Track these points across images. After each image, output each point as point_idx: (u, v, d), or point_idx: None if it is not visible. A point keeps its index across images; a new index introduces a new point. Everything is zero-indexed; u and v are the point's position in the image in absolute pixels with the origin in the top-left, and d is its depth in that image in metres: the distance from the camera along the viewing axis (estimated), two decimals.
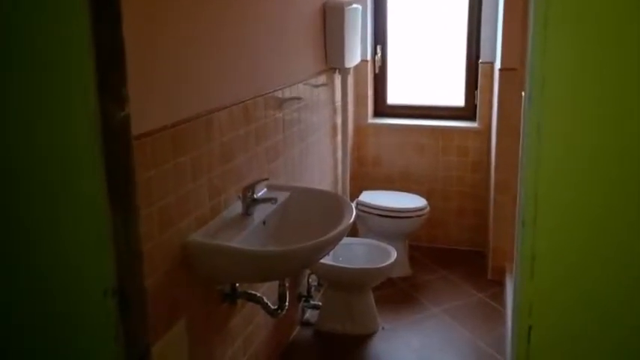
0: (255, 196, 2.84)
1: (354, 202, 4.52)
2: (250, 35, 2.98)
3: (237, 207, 2.81)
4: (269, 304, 2.89)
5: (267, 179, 3.06)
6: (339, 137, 4.65)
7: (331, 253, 3.41)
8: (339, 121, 4.61)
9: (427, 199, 4.66)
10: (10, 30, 1.00)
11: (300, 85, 3.70)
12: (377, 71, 5.20)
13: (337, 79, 4.50)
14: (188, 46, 2.39)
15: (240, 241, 2.54)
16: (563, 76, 1.16)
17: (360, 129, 5.18)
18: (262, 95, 3.13)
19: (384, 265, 3.77)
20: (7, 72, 1.01)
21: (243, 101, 2.90)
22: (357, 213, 3.37)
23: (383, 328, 3.92)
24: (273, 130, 3.31)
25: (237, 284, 2.80)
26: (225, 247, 2.45)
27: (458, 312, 4.15)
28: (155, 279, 2.19)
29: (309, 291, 3.90)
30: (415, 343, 3.82)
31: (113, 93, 1.04)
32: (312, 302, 3.92)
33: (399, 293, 4.42)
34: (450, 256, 5.01)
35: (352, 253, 4.01)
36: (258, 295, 2.88)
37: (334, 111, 4.51)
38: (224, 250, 2.44)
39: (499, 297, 4.30)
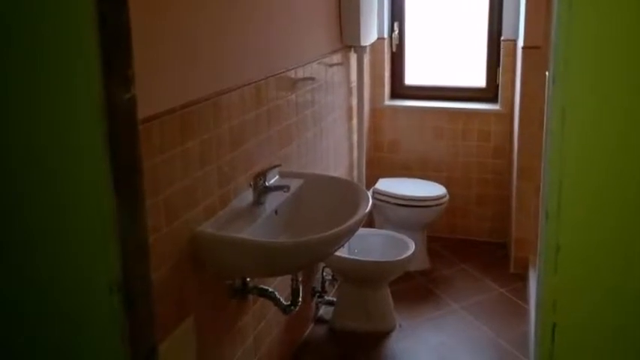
0: (266, 183, 2.85)
1: (370, 190, 4.52)
2: (261, 12, 2.98)
3: (248, 196, 2.82)
4: (281, 299, 2.90)
5: (279, 165, 3.06)
6: (355, 120, 4.65)
7: (346, 245, 3.41)
8: (354, 103, 4.61)
9: (446, 187, 4.66)
10: (12, 9, 1.00)
11: (314, 65, 3.70)
12: (394, 50, 5.19)
13: (353, 58, 4.49)
14: (196, 24, 2.39)
15: (250, 232, 2.54)
16: (590, 56, 1.13)
17: (376, 111, 5.18)
18: (274, 75, 3.13)
19: (401, 257, 3.78)
20: (8, 50, 1.02)
21: (254, 82, 2.90)
22: (373, 202, 3.37)
23: (400, 326, 3.94)
24: (286, 112, 3.31)
25: (248, 279, 2.80)
26: (235, 239, 2.46)
27: (478, 308, 4.16)
28: (162, 274, 2.20)
29: (323, 286, 3.92)
30: (433, 341, 3.84)
31: (118, 74, 1.04)
32: (326, 298, 3.94)
33: (416, 288, 4.43)
34: (470, 247, 5.02)
35: (368, 245, 4.02)
36: (270, 290, 2.88)
37: (349, 92, 4.51)
38: (234, 242, 2.45)
39: (522, 292, 4.31)
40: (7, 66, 1.04)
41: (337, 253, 3.50)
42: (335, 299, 3.93)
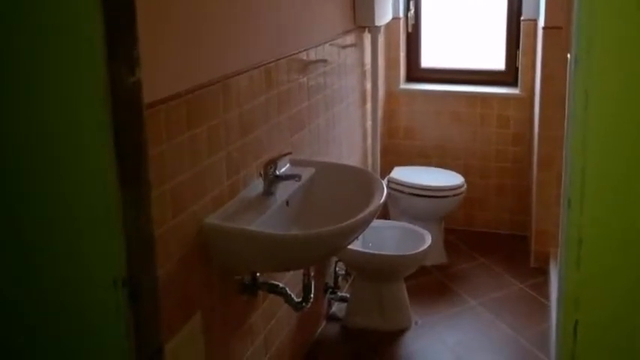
0: (277, 172, 2.84)
1: (385, 179, 4.53)
2: None
3: (258, 185, 2.82)
4: (292, 296, 2.90)
5: (290, 153, 3.06)
6: (368, 105, 4.64)
7: (360, 237, 3.40)
8: (368, 86, 4.60)
9: (464, 176, 4.66)
10: None
11: (327, 46, 3.70)
12: (410, 30, 5.18)
13: (367, 40, 4.49)
14: (202, 3, 2.38)
15: (260, 223, 2.54)
16: (614, 36, 1.13)
17: (392, 96, 5.18)
18: (285, 57, 3.12)
19: (417, 251, 3.77)
20: (10, 33, 1.02)
21: (264, 64, 2.90)
22: (388, 192, 3.37)
23: (416, 323, 3.94)
24: (297, 96, 3.31)
25: (258, 274, 2.81)
26: (244, 231, 2.46)
27: (497, 305, 4.16)
28: (168, 267, 2.20)
29: (335, 281, 3.92)
30: (451, 340, 3.84)
31: (123, 56, 1.04)
32: (339, 294, 3.94)
33: (433, 283, 4.43)
34: (489, 240, 5.01)
35: (383, 238, 4.02)
36: (281, 286, 2.88)
37: (363, 75, 4.51)
38: (243, 234, 2.46)
39: (543, 287, 4.31)
40: (8, 49, 1.04)
41: (350, 247, 3.48)
42: (348, 295, 3.93)
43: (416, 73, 5.28)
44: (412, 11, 5.09)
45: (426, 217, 4.51)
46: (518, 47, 4.88)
